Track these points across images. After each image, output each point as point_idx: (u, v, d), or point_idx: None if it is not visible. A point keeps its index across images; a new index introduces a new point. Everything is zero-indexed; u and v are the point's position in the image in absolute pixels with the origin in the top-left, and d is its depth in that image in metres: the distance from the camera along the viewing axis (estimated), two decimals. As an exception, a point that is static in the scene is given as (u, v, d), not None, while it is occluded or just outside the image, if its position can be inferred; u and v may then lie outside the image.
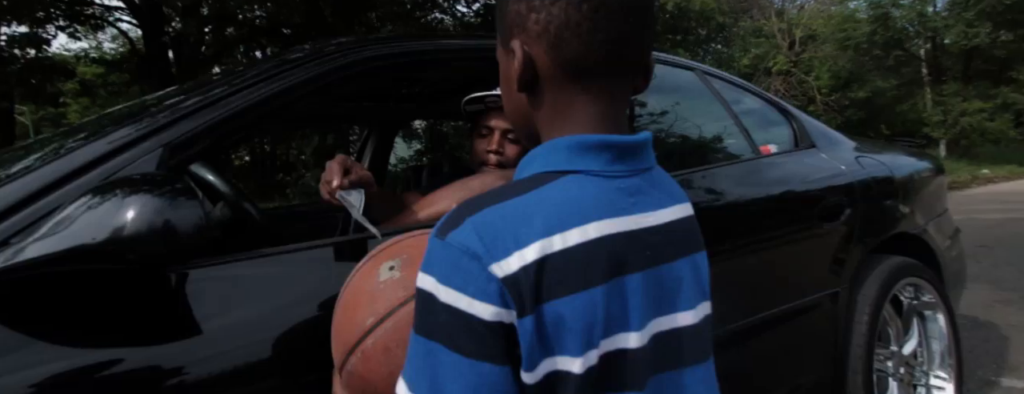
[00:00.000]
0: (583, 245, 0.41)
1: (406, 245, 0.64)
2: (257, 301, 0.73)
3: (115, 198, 0.60)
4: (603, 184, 0.44)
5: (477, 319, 0.39)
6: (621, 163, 0.45)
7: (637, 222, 0.45)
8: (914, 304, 1.61)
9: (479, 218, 0.41)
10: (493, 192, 0.44)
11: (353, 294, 0.61)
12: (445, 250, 0.41)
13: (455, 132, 9.07)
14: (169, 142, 0.75)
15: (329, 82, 0.95)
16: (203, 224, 0.61)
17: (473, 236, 0.40)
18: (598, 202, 0.43)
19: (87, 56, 9.46)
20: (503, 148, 1.17)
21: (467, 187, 0.97)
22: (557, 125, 0.46)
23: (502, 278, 0.39)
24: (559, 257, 0.40)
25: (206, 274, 0.71)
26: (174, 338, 0.67)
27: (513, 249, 0.40)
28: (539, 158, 0.46)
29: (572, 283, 0.41)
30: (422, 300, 0.41)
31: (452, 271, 0.40)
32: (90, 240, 0.57)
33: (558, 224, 0.41)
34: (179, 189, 0.61)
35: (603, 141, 0.44)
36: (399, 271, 0.59)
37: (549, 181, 0.43)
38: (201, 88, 0.87)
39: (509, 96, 0.50)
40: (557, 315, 0.40)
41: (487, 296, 0.39)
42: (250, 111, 0.84)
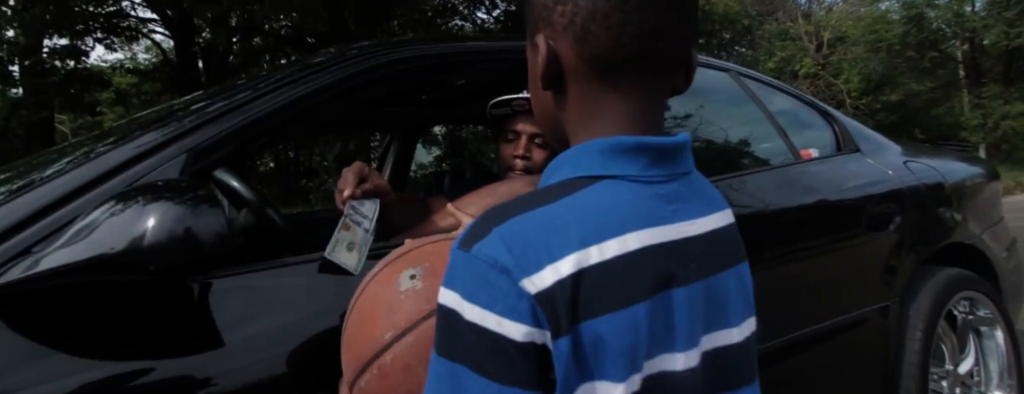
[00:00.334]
0: (622, 257, 0.38)
1: (427, 252, 0.59)
2: (281, 312, 0.70)
3: (136, 206, 0.58)
4: (640, 190, 0.40)
5: (507, 340, 0.35)
6: (659, 167, 0.41)
7: (679, 231, 0.41)
8: (969, 319, 1.50)
9: (507, 228, 0.37)
10: (520, 199, 0.40)
11: (369, 303, 0.56)
12: (470, 263, 0.37)
13: (474, 137, 9.09)
14: (193, 147, 0.74)
15: (353, 86, 0.92)
16: (225, 233, 0.58)
17: (501, 247, 0.36)
18: (636, 210, 0.40)
19: (122, 66, 9.81)
20: (530, 153, 1.13)
21: (495, 193, 0.93)
22: (586, 126, 0.43)
23: (535, 294, 0.35)
24: (597, 271, 0.37)
25: (228, 284, 0.68)
26: (195, 351, 0.64)
27: (546, 262, 0.36)
28: (569, 162, 0.42)
29: (612, 300, 0.37)
30: (444, 318, 0.38)
31: (478, 286, 0.36)
32: (109, 250, 0.55)
33: (594, 234, 0.37)
34: (201, 196, 0.59)
35: (639, 143, 0.41)
36: (421, 281, 0.55)
37: (581, 187, 0.40)
38: (225, 93, 0.86)
39: (536, 95, 0.47)
40: (596, 335, 0.37)
41: (518, 314, 0.35)
42: (274, 116, 0.82)
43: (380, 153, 2.07)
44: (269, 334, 0.68)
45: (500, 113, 1.18)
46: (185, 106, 0.87)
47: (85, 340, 0.62)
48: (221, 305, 0.67)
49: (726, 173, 1.18)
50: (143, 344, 0.63)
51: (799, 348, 1.15)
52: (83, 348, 0.61)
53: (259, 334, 0.67)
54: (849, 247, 1.27)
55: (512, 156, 1.14)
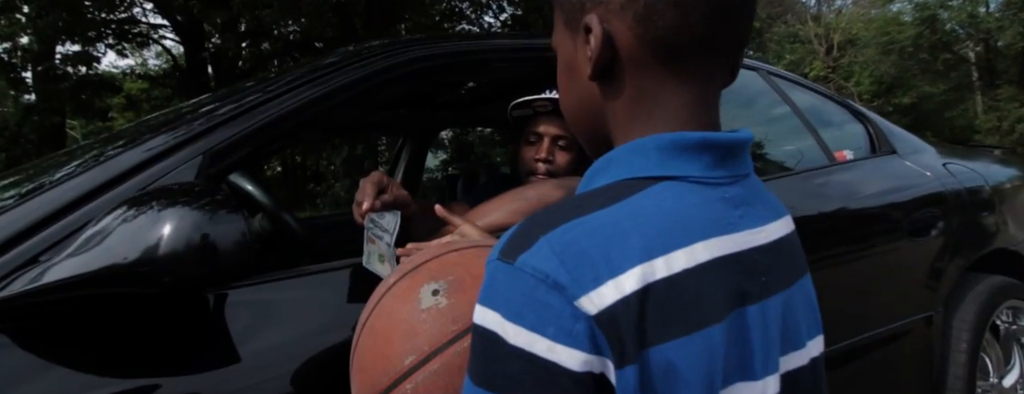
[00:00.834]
0: (692, 271, 0.33)
1: (450, 263, 0.53)
2: (302, 324, 0.66)
3: (150, 212, 0.53)
4: (705, 193, 0.36)
5: (560, 369, 0.30)
6: (722, 167, 0.37)
7: (747, 240, 0.36)
8: (1013, 329, 1.43)
9: (558, 236, 0.32)
10: (568, 204, 0.35)
11: (384, 321, 0.50)
12: (514, 278, 0.32)
13: (481, 141, 9.04)
14: (208, 150, 0.69)
15: (371, 86, 0.88)
16: (246, 241, 0.53)
17: (553, 259, 0.31)
18: (703, 216, 0.35)
19: (133, 72, 9.89)
20: (553, 156, 1.08)
21: (522, 197, 0.88)
22: (639, 121, 0.38)
23: (595, 315, 0.30)
24: (664, 287, 0.32)
25: (246, 295, 0.63)
26: (209, 368, 0.60)
27: (606, 276, 0.31)
28: (619, 162, 0.37)
29: (684, 321, 0.32)
30: (483, 342, 0.32)
31: (525, 305, 0.31)
32: (121, 260, 0.50)
33: (661, 244, 0.33)
34: (219, 201, 0.54)
35: (704, 140, 0.36)
36: (445, 297, 0.48)
37: (638, 190, 0.35)
38: (239, 94, 0.82)
39: (572, 89, 0.41)
40: (667, 363, 0.32)
41: (573, 339, 0.30)
42: (291, 117, 0.77)
43: (392, 157, 2.03)
44: (289, 348, 0.63)
45: (521, 114, 1.13)
46: (194, 108, 0.83)
47: (91, 356, 0.57)
48: (238, 317, 0.62)
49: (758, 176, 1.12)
50: (153, 361, 0.59)
51: (839, 362, 1.09)
52: (89, 364, 0.56)
53: (278, 348, 0.63)
54: (890, 254, 1.21)
55: (534, 159, 1.09)
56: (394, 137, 6.13)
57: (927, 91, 16.38)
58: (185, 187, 0.57)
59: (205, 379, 0.59)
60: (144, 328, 0.60)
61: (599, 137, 0.41)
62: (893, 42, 15.37)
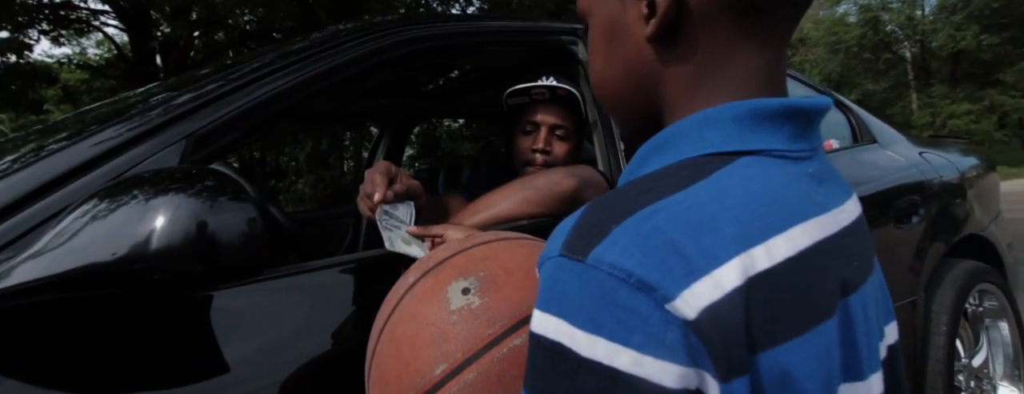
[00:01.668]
0: (796, 260, 0.28)
1: (478, 257, 0.47)
2: (298, 328, 0.59)
3: (135, 201, 0.46)
4: (790, 169, 0.32)
5: (649, 385, 0.25)
6: (804, 139, 0.33)
7: (836, 221, 0.32)
8: (980, 311, 1.50)
9: (637, 225, 0.27)
10: (633, 188, 0.31)
11: (408, 325, 0.44)
12: (586, 278, 0.27)
13: (449, 136, 8.91)
14: (192, 133, 0.61)
15: (363, 68, 0.81)
16: (255, 233, 0.46)
17: (635, 253, 0.26)
18: (794, 196, 0.31)
19: (70, 61, 9.18)
20: (550, 146, 1.04)
21: (532, 186, 0.84)
22: (705, 89, 0.34)
23: (693, 319, 0.25)
24: (767, 280, 0.27)
25: (234, 295, 0.56)
26: (195, 379, 0.52)
27: (702, 271, 0.26)
28: (687, 136, 0.33)
29: (796, 318, 0.28)
30: (547, 354, 0.27)
31: (602, 311, 0.26)
32: (106, 257, 0.43)
33: (757, 230, 0.28)
34: (220, 186, 0.47)
35: (787, 108, 0.32)
36: (477, 296, 0.43)
37: (717, 167, 0.30)
38: (224, 73, 0.73)
39: (616, 55, 0.36)
40: (780, 371, 0.27)
41: (666, 349, 0.25)
42: (284, 98, 0.70)
43: (371, 148, 1.94)
44: (283, 354, 0.56)
45: (517, 103, 1.09)
46: (144, 98, 0.73)
47: (54, 367, 0.49)
48: (226, 320, 0.55)
49: None
50: (128, 372, 0.51)
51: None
52: (50, 378, 0.48)
53: (272, 353, 0.56)
54: (878, 240, 1.24)
55: (530, 149, 1.05)
56: (361, 132, 5.91)
57: (869, 88, 17.35)
58: (176, 172, 0.49)
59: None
60: (113, 335, 0.52)
61: (644, 112, 0.36)
62: (840, 42, 16.19)
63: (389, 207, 0.64)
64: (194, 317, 0.54)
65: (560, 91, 1.03)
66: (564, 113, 1.05)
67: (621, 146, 0.99)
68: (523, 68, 1.37)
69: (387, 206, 0.64)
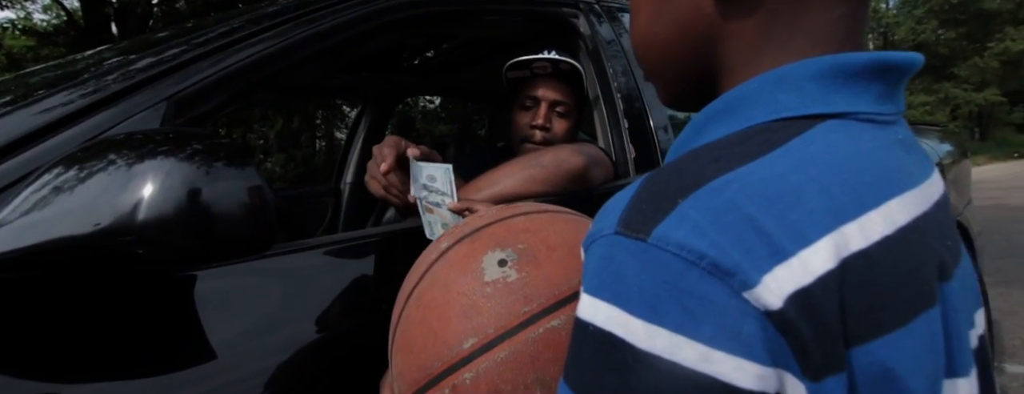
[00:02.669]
0: (895, 239, 0.24)
1: (519, 229, 0.44)
2: (292, 310, 0.54)
3: (115, 167, 0.40)
4: (878, 135, 0.28)
5: (719, 385, 0.22)
6: (890, 101, 0.29)
7: (929, 194, 0.28)
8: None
9: (707, 199, 0.24)
10: (698, 156, 0.27)
11: (439, 293, 0.42)
12: (648, 259, 0.23)
13: (424, 117, 8.73)
14: (174, 94, 0.55)
15: (364, 30, 0.76)
16: (260, 204, 0.41)
17: (707, 232, 0.23)
18: (887, 165, 0.27)
19: (14, 27, 8.53)
20: (550, 123, 1.00)
21: (537, 163, 0.80)
22: (774, 45, 0.30)
23: (779, 309, 0.22)
24: (864, 262, 0.23)
25: (220, 276, 0.51)
26: (180, 366, 0.47)
27: (788, 252, 0.22)
28: (756, 98, 0.29)
29: (898, 306, 0.24)
30: (596, 345, 0.24)
31: (666, 297, 0.23)
32: (84, 229, 0.37)
33: (850, 204, 0.24)
34: (216, 150, 0.41)
35: (877, 63, 0.28)
36: (514, 269, 0.40)
37: (796, 133, 0.26)
38: (210, 29, 0.66)
39: (667, 11, 0.32)
40: (881, 367, 0.23)
41: (742, 344, 0.22)
42: (275, 60, 0.64)
43: (351, 125, 1.86)
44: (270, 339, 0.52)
45: (517, 76, 1.04)
46: (97, 61, 0.65)
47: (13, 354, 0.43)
48: (210, 302, 0.49)
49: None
50: (99, 358, 0.46)
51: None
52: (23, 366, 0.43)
53: (258, 338, 0.51)
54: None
55: (529, 126, 1.01)
56: (333, 109, 5.73)
57: (837, 80, 17.87)
58: (164, 133, 0.43)
59: (174, 381, 0.46)
60: (81, 316, 0.47)
61: (697, 74, 0.33)
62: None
63: (426, 180, 0.59)
64: (175, 297, 0.49)
65: (563, 65, 0.99)
66: (566, 89, 1.01)
67: (625, 124, 0.96)
68: (519, 42, 1.32)
69: (424, 180, 0.59)
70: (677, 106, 0.37)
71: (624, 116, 0.97)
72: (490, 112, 2.19)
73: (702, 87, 0.33)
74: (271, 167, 7.16)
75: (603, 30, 1.05)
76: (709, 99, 0.32)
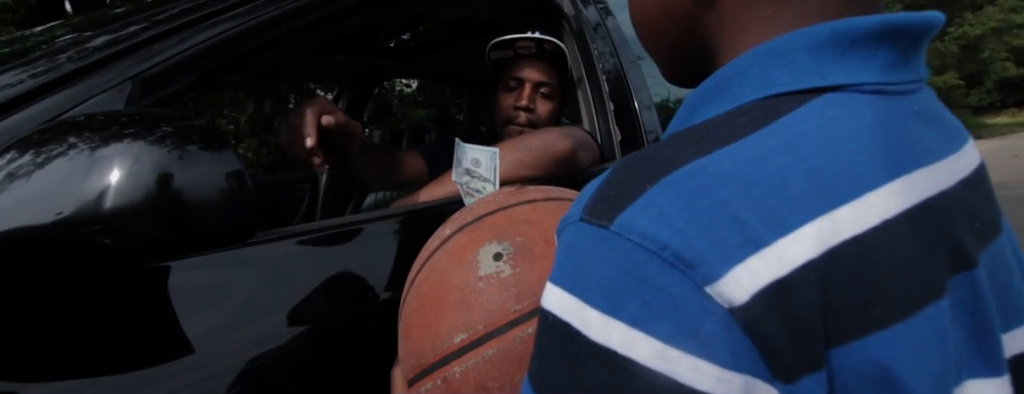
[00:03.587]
0: (895, 223, 0.22)
1: (519, 219, 0.42)
2: (281, 300, 0.52)
3: (76, 151, 0.37)
4: (888, 107, 0.25)
5: (675, 386, 0.20)
6: (905, 68, 0.26)
7: (952, 171, 0.26)
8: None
9: (678, 185, 0.22)
10: (680, 138, 0.25)
11: (435, 283, 0.40)
12: (609, 247, 0.22)
13: (401, 102, 8.56)
14: (140, 73, 0.51)
15: (342, 7, 0.72)
16: (238, 190, 0.39)
17: (673, 220, 0.21)
18: (894, 141, 0.24)
19: (-44, 4, 7.98)
20: (534, 104, 0.99)
21: (525, 147, 0.78)
22: (762, 15, 0.27)
23: (743, 305, 0.20)
24: (856, 250, 0.21)
25: (195, 268, 0.48)
26: (154, 362, 0.45)
27: (762, 241, 0.21)
28: (747, 75, 0.26)
29: (895, 299, 0.22)
30: (553, 335, 0.23)
31: (624, 288, 0.21)
32: (45, 218, 0.34)
33: (844, 186, 0.22)
34: (189, 132, 0.38)
35: (885, 25, 0.25)
36: (508, 264, 0.39)
37: (787, 110, 0.24)
38: (176, 5, 0.62)
39: None
40: (875, 367, 0.21)
41: (701, 344, 0.20)
42: (251, 36, 0.60)
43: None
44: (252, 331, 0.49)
45: (500, 57, 1.02)
46: (48, 38, 0.61)
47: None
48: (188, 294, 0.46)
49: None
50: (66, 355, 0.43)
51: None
52: None
53: (233, 331, 0.49)
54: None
55: (513, 107, 0.99)
56: (306, 93, 5.57)
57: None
58: (121, 115, 0.40)
59: (146, 376, 0.44)
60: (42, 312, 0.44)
61: (687, 49, 0.31)
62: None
63: (470, 164, 0.56)
64: (148, 290, 0.46)
65: (547, 45, 0.97)
66: (550, 70, 0.99)
67: (610, 107, 0.95)
68: (500, 23, 1.28)
69: (468, 164, 0.56)
70: (678, 83, 0.35)
71: (609, 98, 0.96)
72: (469, 96, 2.15)
73: (698, 63, 0.31)
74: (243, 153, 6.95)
75: (588, 12, 1.03)
76: (706, 73, 0.30)
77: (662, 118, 1.06)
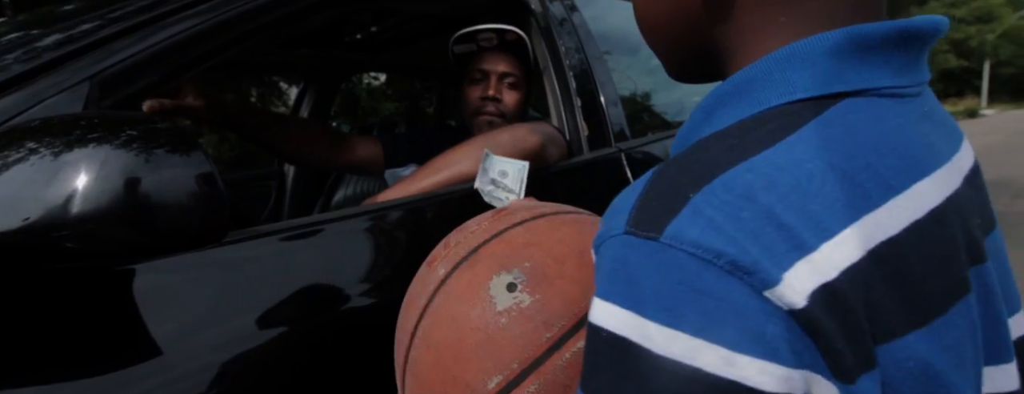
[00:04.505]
0: (925, 223, 0.23)
1: (518, 243, 0.40)
2: (250, 301, 0.52)
3: (37, 156, 0.36)
4: (903, 110, 0.26)
5: (745, 390, 0.21)
6: (912, 72, 0.27)
7: (958, 170, 0.27)
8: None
9: (721, 192, 0.22)
10: (710, 144, 0.25)
11: (449, 331, 0.37)
12: (662, 259, 0.22)
13: (369, 95, 8.40)
14: (98, 73, 0.50)
15: (308, 4, 0.71)
16: (209, 193, 0.39)
17: (725, 227, 0.22)
18: (915, 143, 0.25)
19: None
20: (500, 94, 1.00)
21: (495, 143, 0.79)
22: (776, 21, 0.28)
23: (803, 308, 0.21)
24: (895, 250, 0.22)
25: (163, 271, 0.48)
26: (122, 365, 0.44)
27: (810, 246, 0.21)
28: (767, 79, 0.27)
29: (932, 296, 0.23)
30: (611, 351, 0.23)
31: (683, 299, 0.21)
32: (10, 224, 0.33)
33: (876, 190, 0.23)
34: (156, 135, 0.38)
35: (900, 31, 0.26)
36: (526, 292, 0.36)
37: (812, 115, 0.25)
38: (130, 2, 0.60)
39: None
40: (917, 363, 0.22)
41: (766, 346, 0.21)
42: (215, 34, 0.59)
43: (294, 104, 1.77)
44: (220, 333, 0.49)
45: (463, 50, 1.03)
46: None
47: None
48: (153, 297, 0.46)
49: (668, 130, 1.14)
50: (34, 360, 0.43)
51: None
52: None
53: (206, 332, 0.49)
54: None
55: (479, 99, 1.00)
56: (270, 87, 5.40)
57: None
58: (80, 118, 0.39)
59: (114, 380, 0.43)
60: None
61: (698, 51, 0.31)
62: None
63: (497, 175, 0.55)
64: (112, 293, 0.46)
65: (509, 36, 0.98)
66: (513, 61, 1.01)
67: (578, 102, 0.98)
68: (467, 18, 1.28)
69: (495, 174, 0.55)
70: (683, 80, 0.36)
71: (577, 94, 0.98)
72: (438, 90, 2.15)
73: (706, 63, 0.32)
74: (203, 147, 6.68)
75: (554, 7, 1.05)
76: (715, 73, 0.32)
77: (627, 112, 1.09)
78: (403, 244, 0.66)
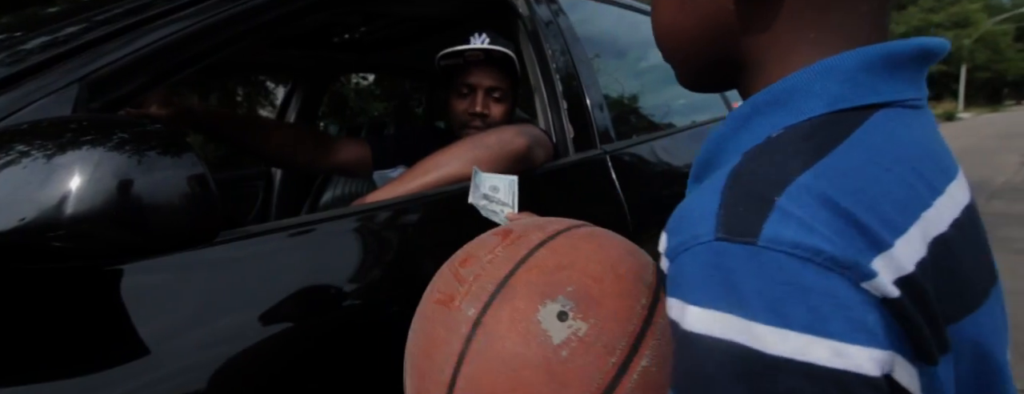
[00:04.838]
0: (962, 221, 0.27)
1: (550, 267, 0.37)
2: (240, 302, 0.53)
3: (31, 159, 0.37)
4: (921, 120, 0.29)
5: (854, 377, 0.22)
6: (922, 86, 0.30)
7: (962, 175, 0.31)
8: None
9: (804, 194, 0.24)
10: (773, 151, 0.27)
11: (504, 374, 0.34)
12: (762, 262, 0.23)
13: (358, 94, 8.36)
14: (87, 75, 0.50)
15: (299, 6, 0.72)
16: (200, 194, 0.39)
17: (818, 227, 0.23)
18: (937, 150, 0.29)
19: None
20: (488, 109, 1.02)
21: (483, 145, 0.81)
22: (806, 39, 0.30)
23: (896, 297, 0.23)
24: (946, 245, 0.25)
25: (152, 271, 0.48)
26: (108, 364, 0.45)
27: (886, 243, 0.23)
28: (806, 91, 0.29)
29: (976, 285, 0.27)
30: (720, 357, 0.23)
31: (788, 297, 0.22)
32: (7, 224, 0.34)
33: (925, 191, 0.26)
34: (147, 137, 0.39)
35: (922, 49, 0.29)
36: (580, 319, 0.34)
37: (855, 125, 0.27)
38: (118, 4, 0.60)
39: (691, 2, 0.32)
40: (972, 344, 0.25)
41: (869, 334, 0.22)
42: (205, 37, 0.60)
43: (281, 104, 1.76)
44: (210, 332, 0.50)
45: (450, 64, 1.04)
46: None
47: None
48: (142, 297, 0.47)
49: (652, 132, 1.17)
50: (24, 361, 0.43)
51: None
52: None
53: (195, 331, 0.50)
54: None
55: (467, 112, 1.02)
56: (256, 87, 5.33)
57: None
58: (70, 121, 0.39)
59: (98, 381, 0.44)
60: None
61: (721, 63, 0.32)
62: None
63: (488, 190, 0.56)
64: (101, 293, 0.46)
65: (495, 53, 0.99)
66: (499, 74, 1.02)
67: (564, 105, 0.99)
68: (455, 21, 1.30)
69: (486, 189, 0.56)
70: (695, 89, 0.38)
71: (562, 97, 0.99)
72: (427, 90, 2.15)
73: (726, 73, 0.34)
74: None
75: (541, 10, 1.06)
76: (730, 83, 0.34)
77: (612, 115, 1.11)
78: (393, 245, 0.67)
